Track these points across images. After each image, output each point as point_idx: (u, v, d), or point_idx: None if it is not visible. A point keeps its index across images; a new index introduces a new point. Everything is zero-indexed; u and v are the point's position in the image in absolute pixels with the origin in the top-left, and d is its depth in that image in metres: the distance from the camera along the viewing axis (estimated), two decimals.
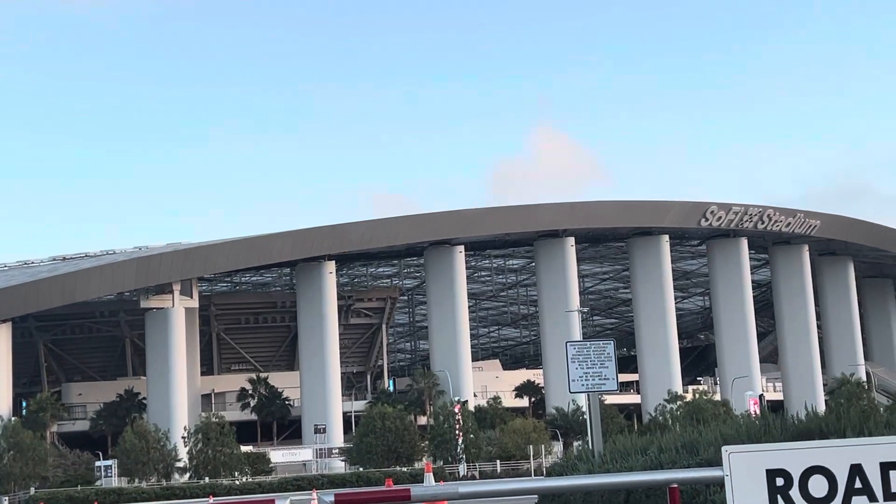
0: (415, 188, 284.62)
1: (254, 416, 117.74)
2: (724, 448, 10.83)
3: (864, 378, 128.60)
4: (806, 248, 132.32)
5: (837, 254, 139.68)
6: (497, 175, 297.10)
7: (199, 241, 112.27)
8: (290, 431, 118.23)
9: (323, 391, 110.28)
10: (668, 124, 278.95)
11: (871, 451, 10.70)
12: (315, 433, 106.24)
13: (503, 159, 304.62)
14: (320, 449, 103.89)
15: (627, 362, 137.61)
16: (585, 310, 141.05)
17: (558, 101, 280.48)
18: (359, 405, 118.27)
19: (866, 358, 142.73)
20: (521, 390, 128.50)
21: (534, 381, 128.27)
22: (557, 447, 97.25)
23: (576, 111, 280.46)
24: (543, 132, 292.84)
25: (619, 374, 25.00)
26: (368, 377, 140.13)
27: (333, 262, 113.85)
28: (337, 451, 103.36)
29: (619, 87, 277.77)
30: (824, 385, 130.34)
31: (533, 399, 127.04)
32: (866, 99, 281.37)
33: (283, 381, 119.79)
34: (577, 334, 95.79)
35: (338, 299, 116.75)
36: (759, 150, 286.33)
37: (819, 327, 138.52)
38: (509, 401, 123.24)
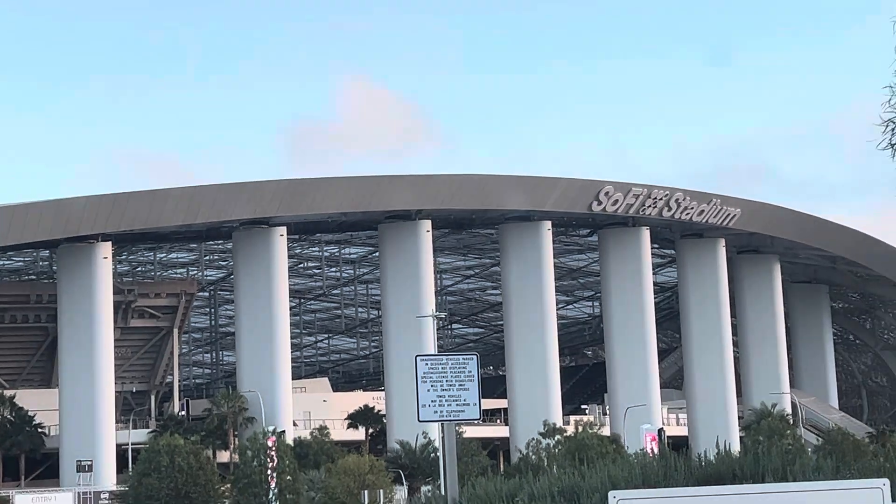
0: (190, 154, 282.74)
1: None
2: (611, 494, 11.04)
3: (789, 410, 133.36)
4: (722, 243, 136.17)
5: (761, 252, 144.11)
6: (297, 137, 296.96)
7: None
8: (44, 469, 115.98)
9: (90, 416, 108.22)
10: (512, 84, 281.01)
11: (794, 500, 11.05)
12: (78, 472, 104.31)
13: (302, 118, 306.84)
14: (84, 493, 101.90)
15: (494, 384, 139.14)
16: (443, 315, 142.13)
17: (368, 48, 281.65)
18: (139, 435, 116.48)
19: (793, 385, 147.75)
20: (355, 418, 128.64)
21: (373, 408, 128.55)
22: (401, 493, 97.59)
23: (394, 60, 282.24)
24: (354, 84, 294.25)
25: (482, 400, 25.22)
26: (153, 398, 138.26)
27: (109, 243, 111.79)
28: (107, 495, 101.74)
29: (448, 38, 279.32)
30: (739, 418, 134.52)
31: (371, 430, 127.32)
32: (756, 61, 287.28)
33: (36, 402, 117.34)
34: (430, 346, 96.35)
35: (114, 294, 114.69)
36: (630, 120, 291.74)
37: (735, 344, 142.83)
38: (340, 432, 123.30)
